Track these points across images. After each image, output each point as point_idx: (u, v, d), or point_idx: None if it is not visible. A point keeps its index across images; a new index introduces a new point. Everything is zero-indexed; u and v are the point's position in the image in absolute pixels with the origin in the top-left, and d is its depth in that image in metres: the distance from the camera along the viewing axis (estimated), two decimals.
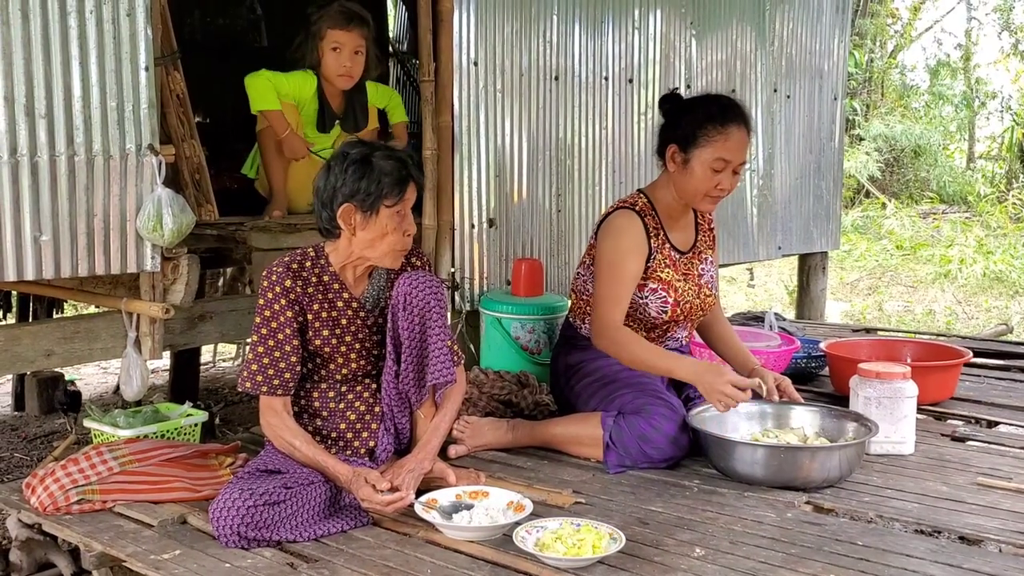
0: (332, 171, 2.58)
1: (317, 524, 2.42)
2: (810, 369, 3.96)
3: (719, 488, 2.72)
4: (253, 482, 2.47)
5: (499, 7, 4.04)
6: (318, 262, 2.69)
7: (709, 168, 2.98)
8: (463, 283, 4.02)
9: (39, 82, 2.70)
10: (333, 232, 2.63)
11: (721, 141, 2.96)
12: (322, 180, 2.60)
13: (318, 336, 2.68)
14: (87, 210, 2.82)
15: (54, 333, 3.05)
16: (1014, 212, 13.48)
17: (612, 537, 2.27)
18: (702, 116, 2.98)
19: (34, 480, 2.64)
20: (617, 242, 3.04)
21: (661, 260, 3.09)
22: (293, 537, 2.36)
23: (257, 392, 2.60)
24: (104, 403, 5.55)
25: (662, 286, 3.08)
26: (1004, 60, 18.62)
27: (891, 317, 8.79)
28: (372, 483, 2.44)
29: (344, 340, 2.71)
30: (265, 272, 2.65)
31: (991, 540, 2.32)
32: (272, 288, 2.62)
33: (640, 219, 3.07)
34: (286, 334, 2.61)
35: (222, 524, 2.32)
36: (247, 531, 2.31)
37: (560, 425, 3.09)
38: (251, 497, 2.34)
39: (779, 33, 5.55)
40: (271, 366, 2.59)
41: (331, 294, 2.69)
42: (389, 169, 2.56)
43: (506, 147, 4.15)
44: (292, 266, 2.65)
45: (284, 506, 2.37)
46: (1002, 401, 3.64)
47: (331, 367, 2.73)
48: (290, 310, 2.62)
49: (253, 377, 2.59)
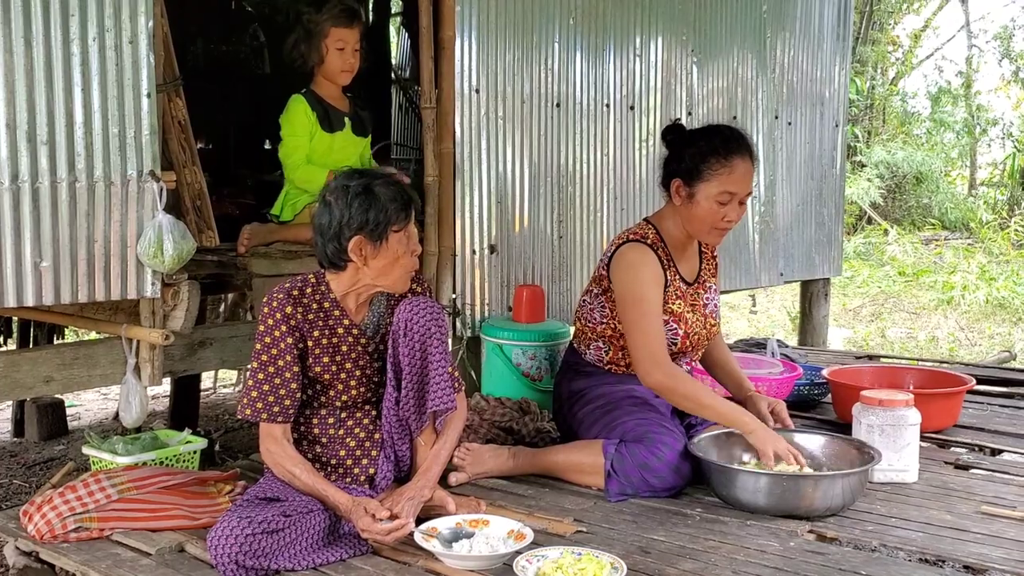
0: (335, 206, 2.55)
1: (316, 553, 2.40)
2: (813, 396, 3.94)
3: (721, 516, 2.70)
4: (251, 510, 2.44)
5: (501, 34, 4.06)
6: (319, 288, 2.68)
7: (715, 201, 2.97)
8: (464, 309, 4.01)
9: (41, 109, 2.71)
10: (340, 265, 2.61)
11: (725, 174, 2.95)
12: (324, 216, 2.56)
13: (318, 363, 2.67)
14: (88, 236, 2.82)
15: (53, 359, 3.04)
16: (1016, 239, 13.47)
17: (613, 566, 2.25)
18: (705, 149, 2.98)
19: (32, 508, 2.62)
20: (638, 275, 3.02)
21: (672, 292, 3.08)
22: (291, 566, 2.34)
23: (257, 419, 2.58)
24: (104, 429, 5.52)
25: (673, 318, 3.06)
26: (1005, 87, 18.69)
27: (894, 344, 8.76)
28: (371, 512, 2.42)
29: (344, 367, 2.69)
30: (265, 299, 2.64)
31: (995, 569, 2.30)
32: (272, 315, 2.61)
33: (653, 252, 3.06)
34: (287, 361, 2.60)
35: (220, 552, 2.30)
36: (245, 559, 2.29)
37: (562, 453, 3.07)
38: (249, 525, 2.32)
39: (780, 60, 5.57)
40: (271, 393, 2.58)
41: (332, 320, 2.68)
42: (392, 195, 2.55)
43: (508, 173, 4.15)
44: (292, 292, 2.64)
45: (283, 534, 2.35)
46: (1006, 429, 3.62)
47: (331, 394, 2.72)
48: (290, 336, 2.61)
49: (253, 404, 2.58)
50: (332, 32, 3.79)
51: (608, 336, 3.14)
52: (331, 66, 3.85)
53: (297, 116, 3.82)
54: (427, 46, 3.87)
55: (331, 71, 3.86)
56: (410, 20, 5.89)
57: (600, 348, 3.18)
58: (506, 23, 4.08)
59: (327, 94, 3.91)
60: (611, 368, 3.17)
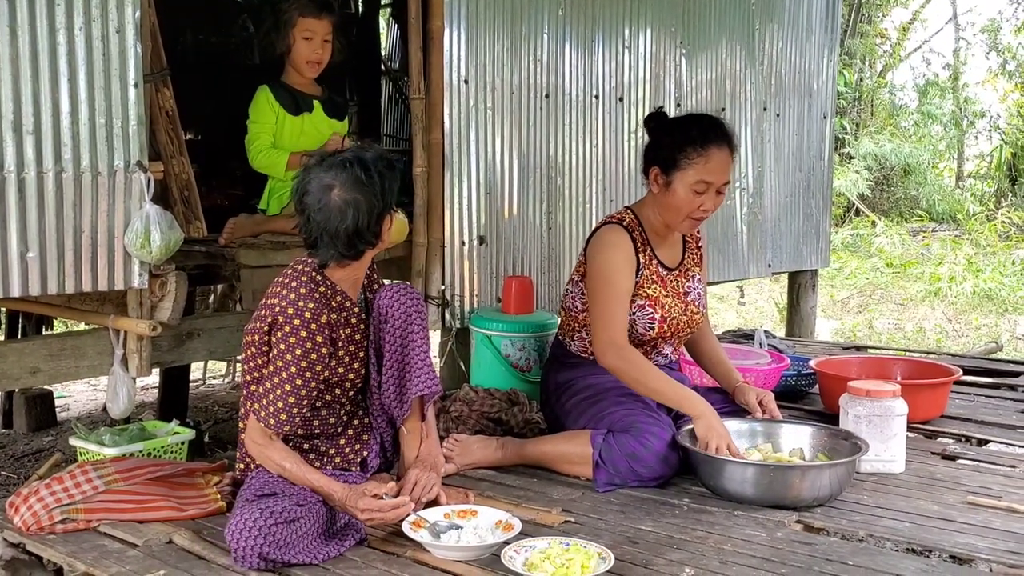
0: (368, 192, 2.44)
1: (323, 545, 2.36)
2: (800, 387, 3.96)
3: (709, 507, 2.70)
4: (266, 502, 2.38)
5: (489, 25, 4.06)
6: (326, 282, 2.58)
7: (691, 190, 2.98)
8: (453, 300, 4.01)
9: (27, 98, 2.69)
10: (364, 252, 2.54)
11: (701, 163, 2.96)
12: (351, 216, 2.42)
13: (341, 363, 2.61)
14: (75, 227, 2.81)
15: (40, 350, 3.03)
16: (1003, 230, 13.54)
17: (601, 557, 2.25)
18: (682, 138, 2.98)
19: (18, 499, 2.61)
20: (607, 257, 3.04)
21: (648, 276, 3.09)
22: (308, 559, 2.31)
23: (280, 432, 2.52)
24: (92, 420, 5.51)
25: (649, 302, 3.07)
26: (992, 80, 18.75)
27: (881, 335, 8.80)
28: (372, 492, 2.42)
29: (357, 356, 2.65)
30: (292, 311, 2.46)
31: (982, 559, 2.31)
32: (307, 326, 2.46)
33: (628, 234, 3.07)
34: (316, 371, 2.51)
35: (244, 545, 2.24)
36: (269, 551, 2.24)
37: (550, 443, 3.08)
38: (272, 516, 2.27)
39: (768, 52, 5.58)
40: (297, 404, 2.50)
41: (345, 312, 2.61)
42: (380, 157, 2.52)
43: (497, 164, 4.15)
44: (315, 296, 2.50)
45: (299, 524, 2.32)
46: (992, 419, 3.64)
47: (338, 391, 2.66)
48: (325, 347, 2.52)
49: (278, 416, 2.49)
50: (300, 21, 3.80)
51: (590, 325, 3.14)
52: (298, 55, 3.85)
53: (259, 105, 3.85)
54: (416, 37, 3.87)
55: (298, 61, 3.87)
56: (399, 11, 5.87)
57: (584, 339, 3.18)
58: (495, 14, 4.08)
59: (296, 82, 3.91)
60: (596, 358, 3.17)
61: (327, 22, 3.84)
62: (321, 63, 3.89)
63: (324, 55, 3.88)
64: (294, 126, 3.87)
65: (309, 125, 3.90)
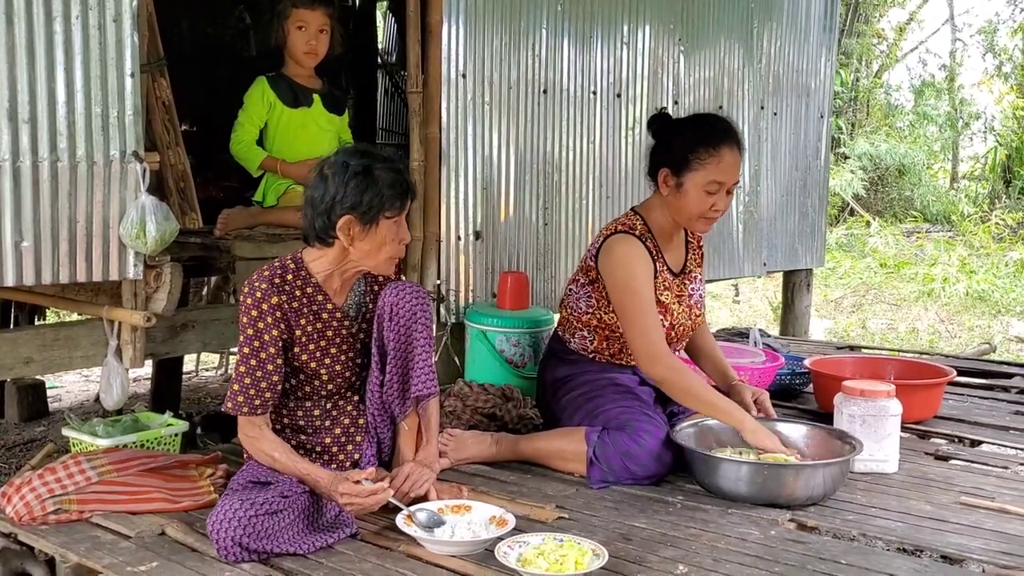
0: (331, 180, 2.51)
1: (309, 536, 2.38)
2: (794, 386, 3.96)
3: (703, 505, 2.71)
4: (249, 492, 2.42)
5: (488, 20, 4.05)
6: (299, 273, 2.63)
7: (703, 191, 2.96)
8: (449, 295, 4.00)
9: (23, 87, 2.67)
10: (327, 241, 2.58)
11: (714, 164, 2.95)
12: (319, 190, 2.52)
13: (304, 351, 2.64)
14: (70, 216, 2.79)
15: (34, 340, 3.02)
16: (997, 232, 13.56)
17: (595, 553, 2.25)
18: (693, 139, 2.97)
19: (10, 489, 2.60)
20: (630, 270, 3.01)
21: (660, 283, 3.08)
22: (293, 549, 2.32)
23: (239, 414, 2.56)
24: (85, 411, 5.50)
25: (660, 309, 3.06)
26: (988, 81, 18.78)
27: (874, 335, 8.81)
28: (353, 479, 2.44)
29: (329, 352, 2.68)
30: (247, 290, 2.57)
31: (974, 560, 2.32)
32: (257, 306, 2.55)
33: (642, 243, 3.06)
34: (270, 353, 2.55)
35: (222, 534, 2.26)
36: (249, 541, 2.27)
37: (544, 439, 3.07)
38: (252, 507, 2.30)
39: (766, 51, 5.58)
40: (253, 386, 2.54)
41: (316, 306, 2.64)
42: (391, 182, 2.52)
43: (493, 160, 4.14)
44: (275, 281, 2.58)
45: (283, 515, 2.34)
46: (985, 420, 3.65)
47: (316, 383, 2.69)
48: (275, 329, 2.56)
49: (235, 398, 2.54)
50: (293, 12, 3.81)
51: (594, 326, 3.14)
52: (293, 46, 3.86)
53: (252, 97, 3.86)
54: (414, 30, 3.86)
55: (294, 52, 3.87)
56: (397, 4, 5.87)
57: (585, 337, 3.18)
58: (493, 8, 4.06)
59: (295, 74, 3.91)
60: (595, 356, 3.17)
61: (320, 13, 3.84)
62: (318, 54, 3.88)
63: (320, 46, 3.87)
64: (293, 119, 3.86)
65: (308, 119, 3.89)
